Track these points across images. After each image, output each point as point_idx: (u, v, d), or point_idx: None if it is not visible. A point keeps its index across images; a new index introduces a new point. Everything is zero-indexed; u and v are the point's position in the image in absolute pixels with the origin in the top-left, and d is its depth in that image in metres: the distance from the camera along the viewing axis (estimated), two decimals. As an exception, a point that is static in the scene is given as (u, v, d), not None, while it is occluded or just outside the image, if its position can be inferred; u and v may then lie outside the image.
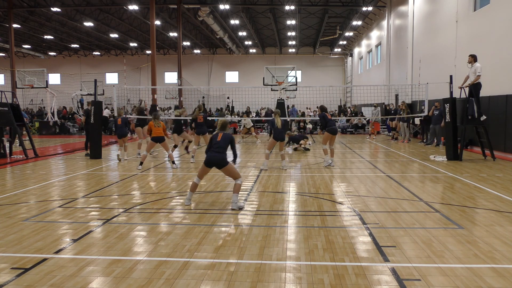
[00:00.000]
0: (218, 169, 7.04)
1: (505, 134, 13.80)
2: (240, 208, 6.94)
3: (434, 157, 13.45)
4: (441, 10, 20.09)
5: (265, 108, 32.19)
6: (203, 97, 39.50)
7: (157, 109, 27.50)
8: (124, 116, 14.01)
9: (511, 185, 8.88)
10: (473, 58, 12.58)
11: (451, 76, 14.06)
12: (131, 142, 16.40)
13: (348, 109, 33.18)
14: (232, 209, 6.88)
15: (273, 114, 11.87)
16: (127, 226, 5.99)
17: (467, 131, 13.95)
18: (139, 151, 14.43)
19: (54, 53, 50.30)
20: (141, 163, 11.59)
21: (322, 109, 12.39)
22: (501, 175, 10.11)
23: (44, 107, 36.67)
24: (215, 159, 6.97)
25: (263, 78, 24.27)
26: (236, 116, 28.59)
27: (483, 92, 13.34)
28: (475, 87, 12.52)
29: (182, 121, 14.58)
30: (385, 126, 25.45)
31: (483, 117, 12.79)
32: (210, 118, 20.66)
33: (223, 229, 5.85)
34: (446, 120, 13.35)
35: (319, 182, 9.51)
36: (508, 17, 14.05)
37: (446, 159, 12.95)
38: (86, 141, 14.90)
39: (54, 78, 48.31)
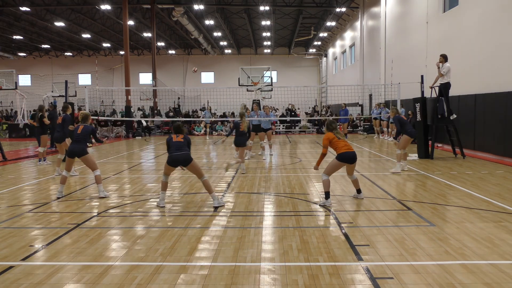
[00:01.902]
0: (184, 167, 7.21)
1: (474, 133, 14.17)
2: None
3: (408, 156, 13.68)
4: (412, 12, 20.50)
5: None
6: (179, 98, 39.17)
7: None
8: (65, 114, 11.36)
9: (480, 182, 9.11)
10: (444, 58, 12.85)
11: (422, 76, 14.34)
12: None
13: (326, 109, 33.43)
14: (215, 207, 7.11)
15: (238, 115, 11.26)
16: (98, 231, 5.85)
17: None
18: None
19: (24, 54, 48.97)
20: None
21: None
22: (470, 173, 10.36)
23: (12, 109, 35.67)
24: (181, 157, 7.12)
25: (238, 78, 24.23)
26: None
27: (453, 92, 13.65)
28: (445, 87, 12.80)
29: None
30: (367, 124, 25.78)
31: (453, 116, 13.09)
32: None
33: (198, 231, 5.78)
34: (417, 119, 13.60)
35: (294, 182, 9.54)
36: (476, 17, 14.45)
37: (417, 157, 13.20)
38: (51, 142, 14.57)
39: (24, 80, 47.00)
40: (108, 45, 43.92)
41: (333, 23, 36.06)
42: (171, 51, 47.69)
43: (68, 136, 11.19)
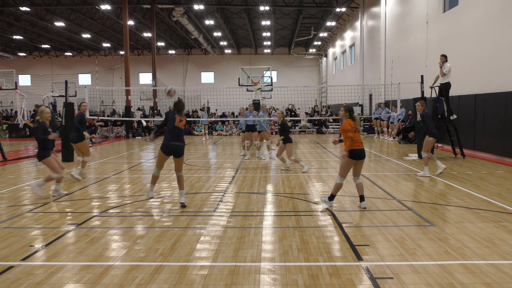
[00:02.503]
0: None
1: (474, 132, 14.16)
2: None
3: (408, 156, 13.69)
4: (412, 12, 20.50)
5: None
6: (179, 98, 39.07)
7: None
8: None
9: (480, 182, 9.11)
10: (445, 58, 12.85)
11: (422, 76, 14.34)
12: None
13: (326, 109, 33.45)
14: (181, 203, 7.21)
15: (278, 112, 11.24)
16: (98, 230, 5.85)
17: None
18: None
19: (24, 54, 48.95)
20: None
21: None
22: (470, 173, 10.36)
23: (12, 109, 35.67)
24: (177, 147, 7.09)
25: (238, 78, 24.22)
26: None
27: (453, 92, 13.65)
28: (445, 87, 12.80)
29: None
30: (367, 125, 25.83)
31: (454, 116, 13.08)
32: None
33: (197, 231, 5.78)
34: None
35: (295, 182, 9.54)
36: (476, 17, 14.44)
37: (417, 157, 13.19)
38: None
39: (24, 80, 46.97)
40: (108, 45, 43.90)
41: (333, 23, 36.06)
42: (171, 51, 47.67)
43: (85, 130, 10.72)
